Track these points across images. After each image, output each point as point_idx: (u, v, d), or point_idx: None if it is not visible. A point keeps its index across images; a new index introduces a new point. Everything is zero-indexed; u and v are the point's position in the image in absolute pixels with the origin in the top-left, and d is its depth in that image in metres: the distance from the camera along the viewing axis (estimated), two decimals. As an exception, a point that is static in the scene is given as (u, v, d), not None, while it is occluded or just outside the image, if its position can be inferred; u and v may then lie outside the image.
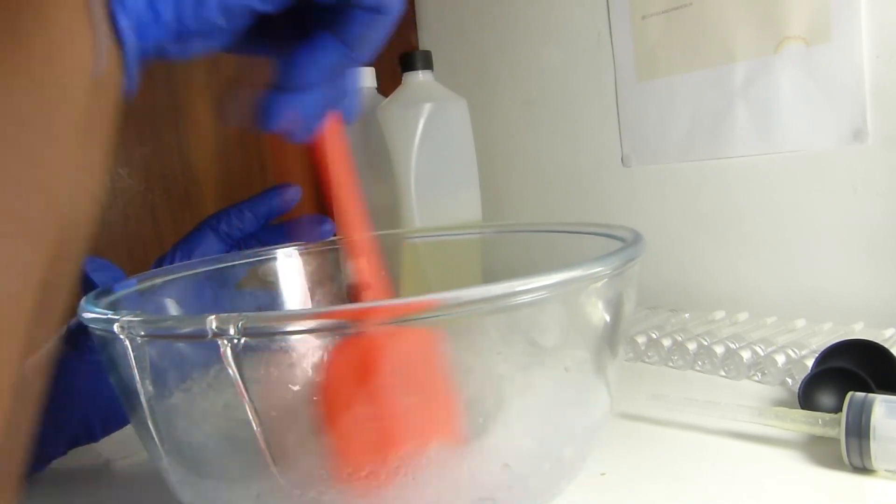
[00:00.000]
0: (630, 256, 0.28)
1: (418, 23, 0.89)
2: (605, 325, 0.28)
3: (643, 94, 0.69)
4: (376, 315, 0.23)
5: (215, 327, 0.23)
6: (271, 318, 0.24)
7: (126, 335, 0.25)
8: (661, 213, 0.69)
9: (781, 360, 0.46)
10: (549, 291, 0.24)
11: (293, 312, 0.24)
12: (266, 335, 0.23)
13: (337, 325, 0.23)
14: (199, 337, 0.24)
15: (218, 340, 0.23)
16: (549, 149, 0.79)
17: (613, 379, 0.30)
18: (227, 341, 0.23)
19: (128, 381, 0.27)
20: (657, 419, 0.42)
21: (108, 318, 0.26)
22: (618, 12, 0.70)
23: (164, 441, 0.28)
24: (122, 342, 0.26)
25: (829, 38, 0.56)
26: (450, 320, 0.24)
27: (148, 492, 0.40)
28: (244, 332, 0.23)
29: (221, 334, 0.23)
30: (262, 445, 0.25)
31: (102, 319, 0.26)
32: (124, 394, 0.28)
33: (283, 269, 0.44)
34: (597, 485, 0.35)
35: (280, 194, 0.45)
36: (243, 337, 0.23)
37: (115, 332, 0.25)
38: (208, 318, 0.23)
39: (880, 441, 0.33)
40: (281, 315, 0.24)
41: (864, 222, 0.57)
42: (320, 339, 0.24)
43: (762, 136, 0.62)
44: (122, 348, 0.26)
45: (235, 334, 0.23)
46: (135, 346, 0.26)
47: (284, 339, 0.24)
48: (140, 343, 0.26)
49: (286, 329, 0.23)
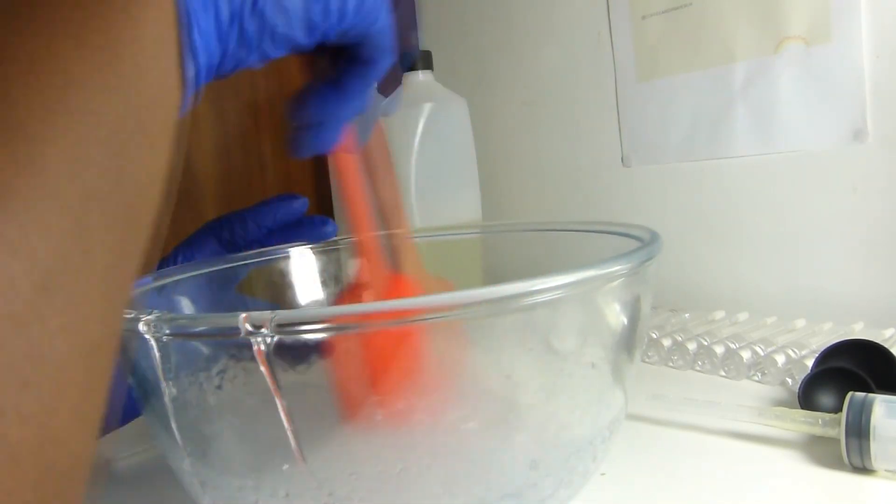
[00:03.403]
0: (648, 255, 0.28)
1: (418, 23, 0.89)
2: (622, 326, 0.29)
3: (643, 94, 0.69)
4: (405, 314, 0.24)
5: (249, 326, 0.23)
6: (304, 317, 0.24)
7: (152, 334, 0.25)
8: (661, 213, 0.69)
9: (781, 360, 0.46)
10: (566, 291, 0.24)
11: (326, 311, 0.24)
12: (299, 333, 0.23)
13: (366, 323, 0.24)
14: (231, 335, 0.24)
15: (251, 339, 0.23)
16: (549, 149, 0.79)
17: (631, 377, 0.30)
18: (261, 339, 0.23)
19: (150, 381, 0.27)
20: (657, 419, 0.42)
21: (133, 316, 0.25)
22: (618, 12, 0.70)
23: (186, 442, 0.27)
24: (147, 341, 0.25)
25: (829, 38, 0.56)
26: (468, 320, 0.24)
27: (148, 492, 0.41)
28: (277, 330, 0.23)
29: (255, 333, 0.23)
30: (293, 444, 0.25)
31: (125, 319, 0.26)
32: (145, 393, 0.28)
33: (296, 267, 0.44)
34: (597, 485, 0.35)
35: (286, 205, 0.45)
36: (276, 335, 0.23)
37: (141, 330, 0.25)
38: (240, 316, 0.23)
39: (880, 441, 0.33)
40: (314, 313, 0.24)
41: (864, 222, 0.57)
42: (351, 335, 0.24)
43: (762, 136, 0.62)
44: (145, 347, 0.26)
45: (268, 332, 0.23)
46: (160, 344, 0.25)
47: (316, 336, 0.24)
48: (166, 342, 0.25)
49: (319, 327, 0.23)
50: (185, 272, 0.38)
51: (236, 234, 0.44)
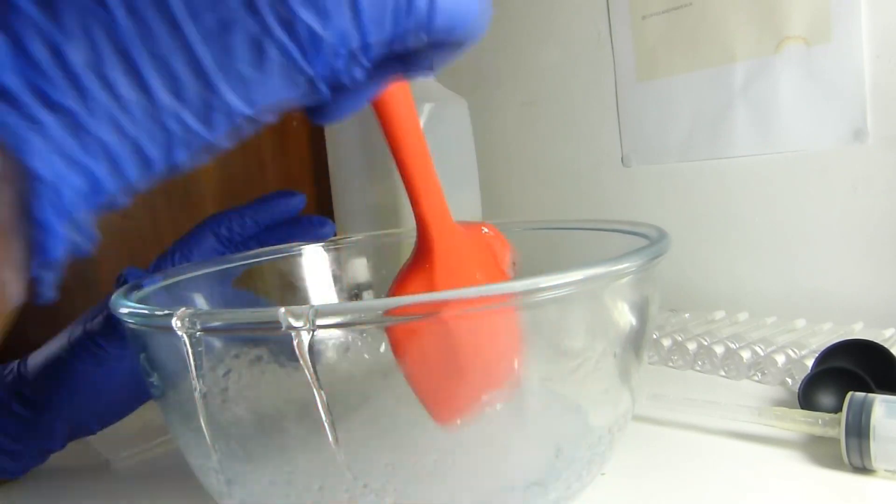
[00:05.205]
0: (657, 253, 0.28)
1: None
2: (630, 324, 0.29)
3: (643, 94, 0.69)
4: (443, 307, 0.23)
5: (290, 320, 0.23)
6: (344, 310, 0.24)
7: (185, 330, 0.25)
8: (661, 213, 0.69)
9: (781, 360, 0.46)
10: (575, 288, 0.24)
11: (365, 304, 0.24)
12: (338, 326, 0.23)
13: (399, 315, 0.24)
14: (271, 330, 0.23)
15: (291, 333, 0.23)
16: (549, 149, 0.79)
17: (643, 367, 0.31)
18: (300, 333, 0.23)
19: (177, 378, 0.26)
20: (657, 419, 0.42)
21: (164, 313, 0.25)
22: (618, 12, 0.70)
23: (216, 438, 0.27)
24: (179, 338, 0.25)
25: (829, 38, 0.56)
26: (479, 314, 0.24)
27: (148, 492, 0.41)
28: (317, 324, 0.23)
29: (295, 326, 0.23)
30: (331, 437, 0.25)
31: (155, 315, 0.26)
32: (168, 391, 0.28)
33: (309, 265, 0.44)
34: (597, 485, 0.34)
35: (284, 202, 0.45)
36: (315, 329, 0.23)
37: (174, 326, 0.25)
38: (280, 310, 0.23)
39: (880, 441, 0.33)
40: (353, 306, 0.24)
41: (864, 222, 0.57)
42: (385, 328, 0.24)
43: (762, 136, 0.62)
44: (173, 344, 0.25)
45: (308, 326, 0.23)
46: (193, 340, 0.25)
47: (354, 329, 0.24)
48: (199, 338, 0.25)
49: (359, 320, 0.23)
50: (196, 270, 0.38)
51: (234, 231, 0.44)
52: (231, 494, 0.28)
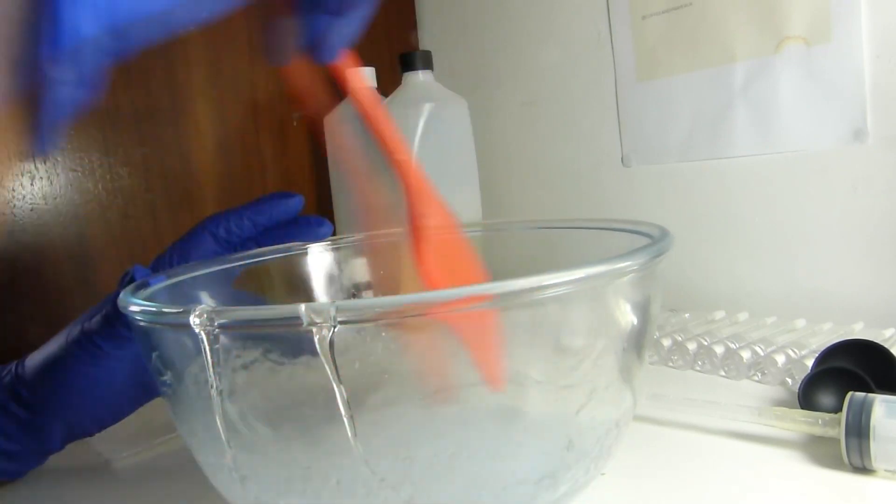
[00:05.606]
0: (660, 251, 0.28)
1: (418, 23, 0.89)
2: (632, 323, 0.29)
3: (643, 94, 0.69)
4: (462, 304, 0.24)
5: (311, 316, 0.23)
6: (366, 306, 0.24)
7: (203, 327, 0.25)
8: (661, 213, 0.69)
9: (781, 360, 0.46)
10: (576, 286, 0.24)
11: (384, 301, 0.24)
12: (359, 322, 0.23)
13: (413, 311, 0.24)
14: (292, 326, 0.23)
15: (313, 329, 0.23)
16: (549, 149, 0.79)
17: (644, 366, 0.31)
18: (322, 329, 0.23)
19: (192, 375, 0.26)
20: (657, 419, 0.42)
21: (180, 311, 0.25)
22: (618, 12, 0.70)
23: (231, 435, 0.27)
24: (196, 334, 0.25)
25: (829, 38, 0.56)
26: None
27: (148, 492, 0.41)
28: (338, 320, 0.23)
29: (316, 323, 0.23)
30: (350, 432, 0.25)
31: (171, 312, 0.26)
32: (185, 388, 0.28)
33: (308, 265, 0.44)
34: (597, 485, 0.34)
35: (282, 203, 0.45)
36: (337, 325, 0.23)
37: (192, 323, 0.25)
38: (301, 306, 0.23)
39: (880, 441, 0.33)
40: (374, 303, 0.24)
41: (864, 222, 0.57)
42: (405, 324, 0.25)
43: (762, 136, 0.62)
44: (188, 342, 0.25)
45: (330, 322, 0.23)
46: (211, 338, 0.25)
47: (374, 325, 0.24)
48: (216, 335, 0.25)
49: (379, 316, 0.23)
50: (201, 269, 0.38)
51: (232, 232, 0.43)
52: (246, 492, 0.28)
